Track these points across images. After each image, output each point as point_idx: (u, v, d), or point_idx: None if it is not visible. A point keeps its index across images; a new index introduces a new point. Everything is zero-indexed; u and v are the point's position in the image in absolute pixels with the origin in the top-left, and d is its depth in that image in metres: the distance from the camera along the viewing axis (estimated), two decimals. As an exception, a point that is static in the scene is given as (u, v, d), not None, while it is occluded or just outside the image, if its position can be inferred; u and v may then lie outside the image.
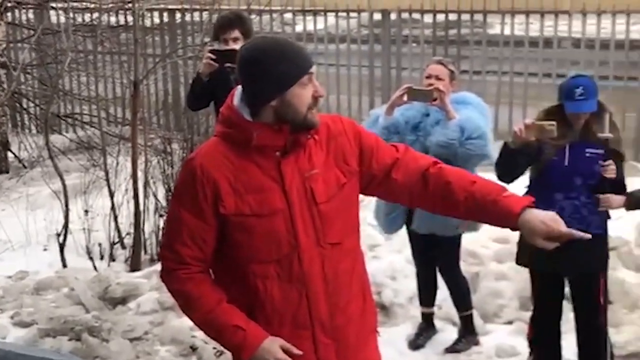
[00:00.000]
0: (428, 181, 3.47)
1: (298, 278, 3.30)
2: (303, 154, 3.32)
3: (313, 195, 3.30)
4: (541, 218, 3.45)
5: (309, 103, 3.25)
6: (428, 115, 6.09)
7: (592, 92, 5.37)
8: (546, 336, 5.82)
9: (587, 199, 5.44)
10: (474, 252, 7.35)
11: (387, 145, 3.55)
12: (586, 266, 5.51)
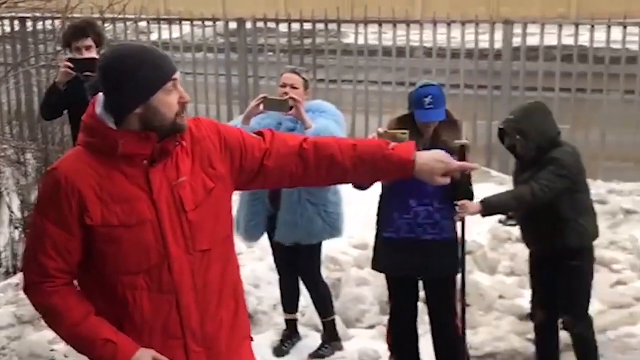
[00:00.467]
0: (307, 159, 3.50)
1: (168, 288, 3.26)
2: (171, 161, 3.28)
3: (182, 203, 3.27)
4: (436, 157, 3.53)
5: (176, 110, 3.23)
6: (281, 124, 6.16)
7: (440, 101, 5.53)
8: (404, 339, 5.96)
9: (439, 205, 5.60)
10: (335, 258, 7.46)
11: (253, 137, 3.53)
12: (440, 270, 5.68)
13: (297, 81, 6.18)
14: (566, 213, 5.69)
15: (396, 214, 5.62)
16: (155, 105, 3.19)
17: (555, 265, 5.77)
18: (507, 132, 5.76)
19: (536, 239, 5.86)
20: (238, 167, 3.45)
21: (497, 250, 8.10)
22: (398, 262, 5.67)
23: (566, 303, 5.85)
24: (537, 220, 5.76)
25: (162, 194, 3.25)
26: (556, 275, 5.79)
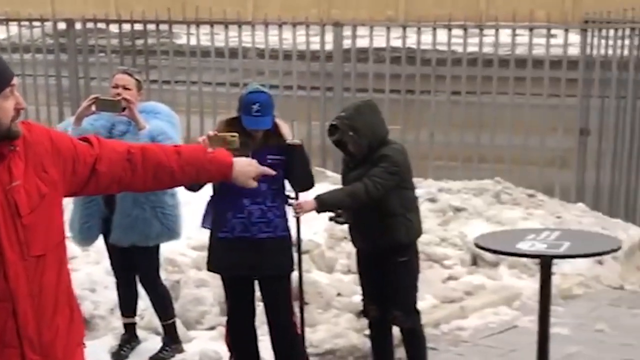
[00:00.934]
0: (135, 164, 3.58)
1: (4, 295, 3.17)
2: (2, 165, 3.20)
3: (17, 207, 3.19)
4: (247, 162, 3.95)
5: (11, 115, 3.16)
6: (114, 126, 6.11)
7: (268, 109, 5.59)
8: (242, 339, 5.98)
9: (272, 203, 5.67)
10: (173, 260, 7.43)
11: (82, 144, 3.51)
12: (274, 268, 5.73)
13: (130, 82, 6.14)
14: (395, 209, 5.82)
15: (230, 214, 5.65)
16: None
17: (383, 261, 5.88)
18: (339, 128, 5.81)
19: (365, 235, 5.94)
20: (70, 173, 3.41)
21: (334, 248, 8.24)
22: (233, 261, 5.69)
23: (396, 298, 5.97)
24: (366, 217, 5.85)
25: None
26: (384, 271, 5.92)
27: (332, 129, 5.86)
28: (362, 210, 5.80)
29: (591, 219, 9.56)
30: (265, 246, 5.66)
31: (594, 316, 7.73)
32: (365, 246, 6.00)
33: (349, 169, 5.93)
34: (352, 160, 5.91)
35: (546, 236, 5.38)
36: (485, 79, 11.08)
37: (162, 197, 6.18)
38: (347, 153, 5.93)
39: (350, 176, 5.85)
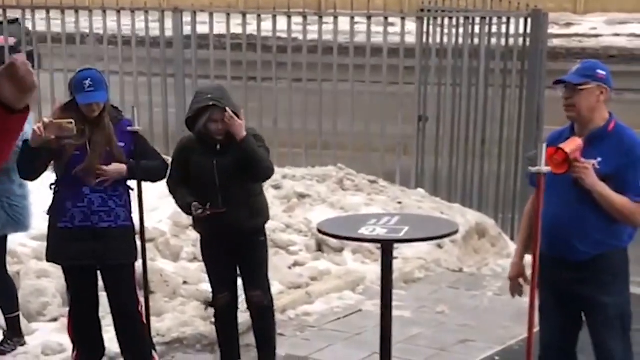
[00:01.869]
0: None
1: None
2: None
3: None
4: None
5: None
6: None
7: (100, 84, 5.54)
8: (86, 329, 5.90)
9: (113, 192, 5.63)
10: (13, 250, 7.23)
11: None
12: (116, 257, 5.68)
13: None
14: (257, 188, 5.98)
15: (69, 203, 5.56)
16: None
17: (243, 243, 5.90)
18: (220, 106, 5.66)
19: (233, 217, 5.81)
20: None
21: (179, 236, 8.20)
22: (74, 251, 5.61)
23: (255, 278, 6.00)
24: (236, 198, 5.81)
25: None
26: (244, 253, 5.93)
27: (210, 108, 5.68)
28: (232, 190, 5.76)
29: (431, 204, 9.79)
30: (106, 235, 5.60)
31: (435, 298, 7.94)
32: (226, 229, 5.86)
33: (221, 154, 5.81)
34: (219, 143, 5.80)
35: (387, 221, 5.47)
36: (325, 66, 11.18)
37: (9, 187, 6.05)
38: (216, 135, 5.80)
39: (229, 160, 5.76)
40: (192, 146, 5.89)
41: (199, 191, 5.81)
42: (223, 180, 5.78)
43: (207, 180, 5.80)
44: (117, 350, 6.01)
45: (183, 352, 6.61)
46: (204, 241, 6.12)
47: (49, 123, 5.23)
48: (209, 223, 5.83)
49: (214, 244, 6.02)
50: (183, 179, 5.89)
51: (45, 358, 6.36)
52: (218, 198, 5.77)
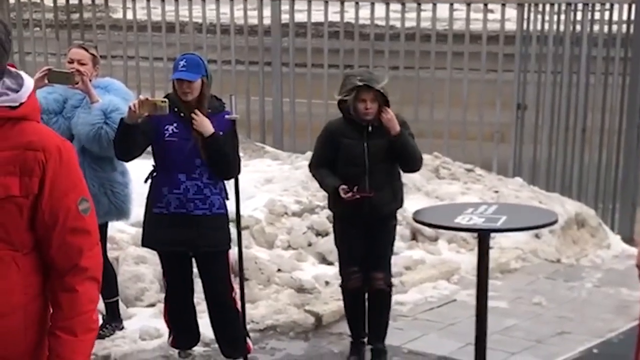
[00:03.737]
0: None
1: None
2: None
3: None
4: None
5: None
6: (67, 100, 6.06)
7: (195, 66, 5.54)
8: (181, 315, 5.96)
9: (208, 180, 5.63)
10: (112, 237, 7.35)
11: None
12: (210, 244, 5.70)
13: (85, 56, 6.07)
14: (398, 173, 6.01)
15: (165, 189, 5.61)
16: None
17: (374, 225, 5.93)
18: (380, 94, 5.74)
19: (379, 199, 5.86)
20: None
21: (274, 224, 8.23)
22: (168, 237, 5.66)
23: (381, 261, 6.06)
24: (382, 181, 5.87)
25: None
26: (373, 234, 5.96)
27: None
28: (378, 174, 5.84)
29: (528, 193, 9.65)
30: (201, 223, 5.63)
31: (531, 289, 7.82)
32: (367, 211, 5.88)
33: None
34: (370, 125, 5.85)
35: (484, 210, 5.42)
36: (423, 54, 11.11)
37: (112, 175, 6.15)
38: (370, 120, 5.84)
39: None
40: (342, 129, 5.94)
41: (346, 174, 5.87)
42: (372, 164, 5.85)
43: (356, 164, 5.87)
44: (211, 337, 6.06)
45: (277, 339, 6.64)
46: (340, 221, 6.13)
47: (144, 100, 5.33)
48: (352, 205, 5.84)
49: (350, 224, 6.03)
50: (328, 161, 5.94)
51: (143, 343, 6.44)
52: (365, 181, 5.83)
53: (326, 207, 8.52)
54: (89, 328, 3.05)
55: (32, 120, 3.03)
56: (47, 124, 5.99)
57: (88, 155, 6.01)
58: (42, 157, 2.96)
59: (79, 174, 3.08)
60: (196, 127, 5.52)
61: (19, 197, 2.95)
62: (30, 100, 3.03)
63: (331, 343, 6.60)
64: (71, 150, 3.07)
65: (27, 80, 3.05)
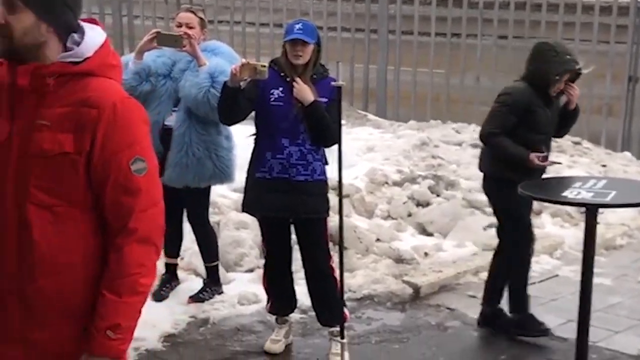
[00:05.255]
0: None
1: None
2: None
3: None
4: None
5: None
6: (175, 63, 6.12)
7: (310, 31, 5.49)
8: (279, 281, 5.95)
9: (311, 146, 5.58)
10: (214, 201, 7.39)
11: None
12: (310, 211, 5.65)
13: (193, 20, 6.13)
14: None
15: (269, 154, 5.59)
16: None
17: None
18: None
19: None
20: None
21: (374, 193, 8.20)
22: (269, 202, 5.65)
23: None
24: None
25: None
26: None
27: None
28: (549, 141, 6.08)
29: (637, 168, 9.41)
30: (302, 189, 5.60)
31: (637, 267, 7.64)
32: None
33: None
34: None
35: (592, 185, 5.29)
36: (533, 23, 10.88)
37: (217, 138, 6.19)
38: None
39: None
40: (530, 97, 5.97)
41: (531, 140, 5.91)
42: (550, 131, 6.06)
43: (541, 131, 5.97)
44: (308, 304, 6.06)
45: (374, 308, 6.61)
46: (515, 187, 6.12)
47: (245, 64, 5.33)
48: (537, 172, 5.95)
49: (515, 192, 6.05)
50: (509, 129, 5.94)
51: (241, 307, 6.49)
52: (547, 148, 6.00)
53: (427, 177, 8.48)
54: (135, 291, 3.00)
55: (100, 75, 3.01)
56: (155, 87, 6.13)
57: (194, 119, 6.07)
58: (95, 114, 2.93)
59: (138, 132, 3.03)
60: (296, 95, 5.49)
61: (72, 154, 2.94)
62: (97, 55, 3.02)
63: (428, 315, 6.54)
64: (131, 108, 3.02)
65: (91, 34, 3.04)
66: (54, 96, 2.96)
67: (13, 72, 2.98)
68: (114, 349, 2.99)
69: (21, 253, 2.99)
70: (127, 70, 5.98)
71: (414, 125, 10.54)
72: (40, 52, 2.97)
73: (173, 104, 6.17)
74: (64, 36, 3.00)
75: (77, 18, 3.04)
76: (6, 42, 2.95)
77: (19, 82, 2.97)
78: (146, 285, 3.04)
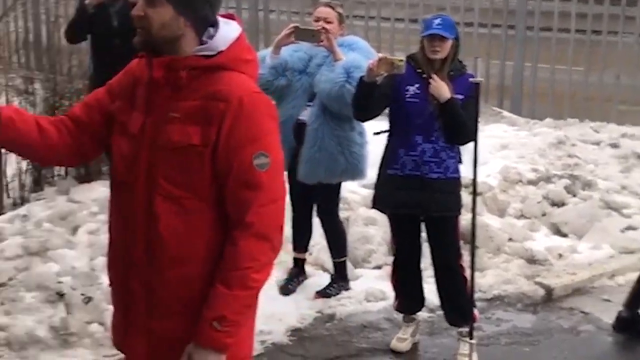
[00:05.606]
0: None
1: None
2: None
3: None
4: None
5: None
6: (311, 58, 6.12)
7: (449, 26, 5.42)
8: (407, 279, 5.89)
9: (445, 143, 5.50)
10: (344, 197, 7.36)
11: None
12: (442, 209, 5.58)
13: (331, 15, 6.14)
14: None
15: (402, 150, 5.54)
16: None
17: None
18: None
19: None
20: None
21: (507, 191, 8.04)
22: (400, 199, 5.60)
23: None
24: None
25: None
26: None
27: None
28: None
29: None
30: (434, 186, 5.53)
31: None
32: None
33: None
34: None
35: None
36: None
37: (350, 134, 6.18)
38: None
39: None
40: None
41: None
42: None
43: None
44: (436, 303, 5.98)
45: (503, 309, 6.48)
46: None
47: (382, 58, 5.30)
48: None
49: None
50: None
51: (368, 304, 6.45)
52: None
53: (564, 176, 8.27)
54: (245, 285, 2.99)
55: (232, 69, 3.03)
56: (291, 82, 6.14)
57: (328, 114, 6.08)
58: (223, 107, 2.96)
59: (264, 127, 3.02)
60: (432, 92, 5.41)
61: (198, 146, 2.97)
62: (230, 49, 3.04)
63: (561, 318, 6.37)
64: (258, 103, 3.02)
65: (225, 29, 3.06)
66: (187, 89, 3.00)
67: (150, 66, 3.04)
68: (219, 341, 3.00)
69: (148, 244, 3.05)
70: (264, 65, 6.03)
71: (550, 123, 10.32)
72: (177, 46, 3.02)
73: (308, 99, 6.18)
74: (201, 30, 3.04)
75: (215, 13, 3.07)
76: (144, 34, 3.01)
77: (154, 75, 3.02)
78: (257, 281, 3.03)
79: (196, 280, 3.03)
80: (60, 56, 8.81)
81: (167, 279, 3.04)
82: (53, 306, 6.01)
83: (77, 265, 6.41)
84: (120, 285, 3.19)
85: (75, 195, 7.53)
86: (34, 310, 5.93)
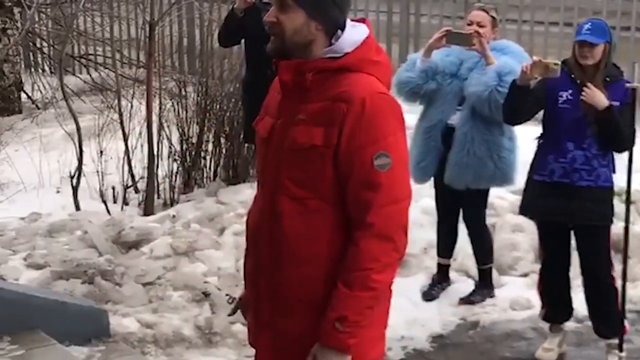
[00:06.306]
0: None
1: None
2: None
3: None
4: None
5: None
6: (462, 62, 6.10)
7: (599, 31, 5.30)
8: (555, 288, 5.78)
9: (597, 151, 5.39)
10: (491, 203, 7.25)
11: None
12: (592, 218, 5.47)
13: (484, 19, 6.13)
14: None
15: (551, 157, 5.45)
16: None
17: None
18: None
19: None
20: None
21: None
22: (549, 206, 5.50)
23: None
24: None
25: None
26: None
27: None
28: None
29: None
30: (583, 194, 5.41)
31: None
32: None
33: None
34: None
35: None
36: None
37: (500, 139, 6.13)
38: None
39: None
40: None
41: None
42: None
43: None
44: (585, 313, 5.84)
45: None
46: None
47: (536, 62, 5.23)
48: None
49: None
50: None
51: (513, 312, 6.35)
52: None
53: None
54: (366, 286, 2.98)
55: (358, 71, 3.03)
56: (441, 86, 6.11)
57: (478, 118, 6.04)
58: (344, 108, 2.96)
59: (387, 128, 3.00)
60: (585, 99, 5.28)
61: (321, 147, 2.98)
62: (357, 50, 3.04)
63: None
64: (381, 103, 3.01)
65: (350, 31, 3.06)
66: (313, 91, 3.03)
67: (278, 70, 3.08)
68: (341, 342, 3.01)
69: (273, 243, 3.09)
70: (415, 69, 6.04)
71: None
72: (308, 50, 3.05)
73: (457, 103, 6.13)
74: (331, 34, 3.06)
75: (344, 15, 3.08)
76: (278, 41, 3.05)
77: (282, 78, 3.07)
78: (379, 282, 3.02)
79: (317, 280, 3.06)
80: (213, 60, 8.96)
81: (289, 278, 3.08)
82: (199, 305, 6.14)
83: (223, 266, 6.52)
84: (251, 283, 3.26)
85: (222, 197, 7.66)
86: (180, 309, 6.07)
